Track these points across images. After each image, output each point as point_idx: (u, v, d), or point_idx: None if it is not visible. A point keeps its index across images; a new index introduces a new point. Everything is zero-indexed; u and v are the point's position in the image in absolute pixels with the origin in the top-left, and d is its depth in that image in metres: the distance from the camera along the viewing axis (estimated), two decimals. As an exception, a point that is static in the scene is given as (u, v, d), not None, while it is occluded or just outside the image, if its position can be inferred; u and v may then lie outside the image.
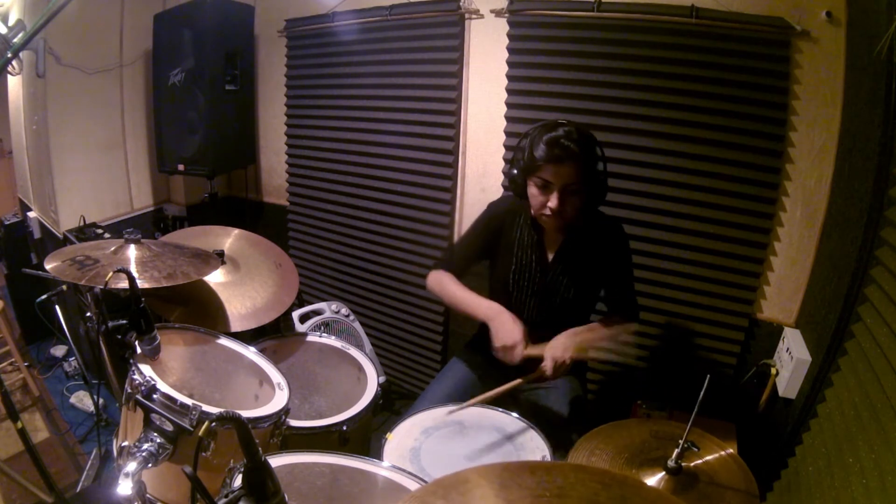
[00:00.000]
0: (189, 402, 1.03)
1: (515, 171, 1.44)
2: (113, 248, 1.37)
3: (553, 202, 1.36)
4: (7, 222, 3.04)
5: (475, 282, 1.63)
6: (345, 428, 1.42)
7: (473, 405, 1.37)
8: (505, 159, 2.21)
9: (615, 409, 2.14)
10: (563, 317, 1.54)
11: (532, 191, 1.42)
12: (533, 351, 1.36)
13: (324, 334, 1.89)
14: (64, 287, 1.76)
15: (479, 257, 1.62)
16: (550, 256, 1.53)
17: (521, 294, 1.55)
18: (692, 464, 1.07)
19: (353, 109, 2.54)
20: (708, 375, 1.04)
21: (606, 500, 0.56)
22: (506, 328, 1.39)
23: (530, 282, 1.54)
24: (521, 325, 1.40)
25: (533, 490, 0.56)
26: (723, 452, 1.11)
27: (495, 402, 1.42)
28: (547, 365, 1.36)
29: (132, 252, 1.36)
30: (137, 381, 1.06)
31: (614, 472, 1.00)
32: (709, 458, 1.09)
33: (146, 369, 1.09)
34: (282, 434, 1.24)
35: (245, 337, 1.50)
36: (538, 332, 1.51)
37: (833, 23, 1.61)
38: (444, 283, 1.56)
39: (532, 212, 1.48)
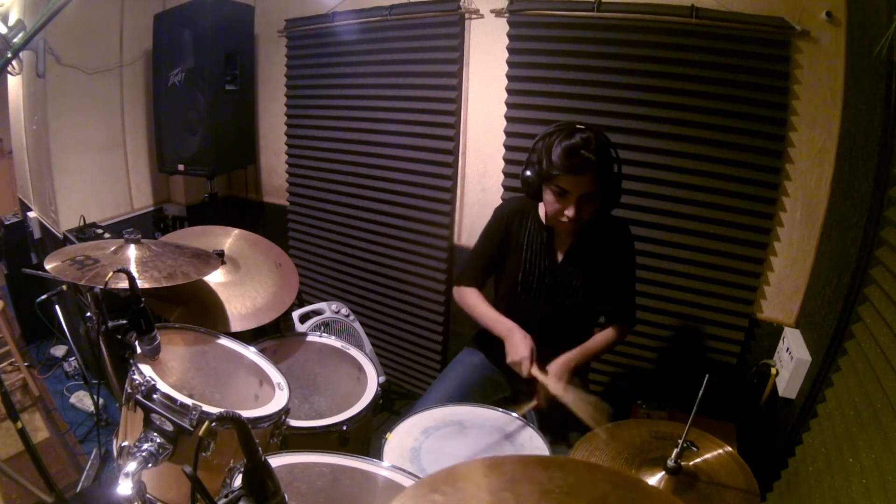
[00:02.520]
0: (189, 402, 1.03)
1: (530, 174, 1.42)
2: (113, 248, 1.37)
3: (571, 212, 1.36)
4: (7, 222, 3.04)
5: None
6: (345, 428, 1.42)
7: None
8: (505, 159, 2.21)
9: (615, 409, 2.14)
10: (571, 317, 1.54)
11: (548, 197, 1.40)
12: (538, 374, 1.40)
13: (324, 334, 1.89)
14: (64, 287, 1.75)
15: (498, 265, 1.62)
16: (560, 257, 1.53)
17: (530, 294, 1.55)
18: (692, 463, 1.07)
19: (353, 109, 2.54)
20: (707, 375, 1.04)
21: (615, 501, 0.56)
22: (516, 345, 1.43)
23: (539, 283, 1.53)
24: (530, 343, 1.43)
25: (543, 485, 0.56)
26: (721, 451, 1.11)
27: (496, 403, 1.44)
28: (541, 402, 1.42)
29: (132, 252, 1.36)
30: (137, 381, 1.06)
31: (626, 473, 1.00)
32: (708, 457, 1.09)
33: (146, 369, 1.09)
34: (282, 434, 1.24)
35: (245, 337, 1.50)
36: (545, 331, 1.51)
37: (833, 23, 1.61)
38: (469, 301, 1.61)
39: (546, 215, 1.47)
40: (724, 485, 1.03)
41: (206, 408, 1.03)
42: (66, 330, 2.18)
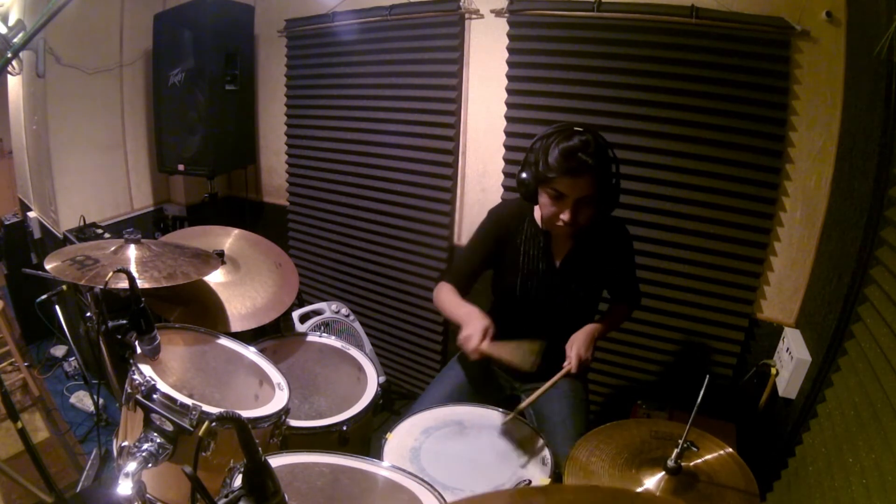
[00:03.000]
0: (189, 402, 1.03)
1: (526, 176, 1.39)
2: (113, 248, 1.37)
3: (566, 215, 1.34)
4: (7, 222, 3.04)
5: (478, 285, 1.63)
6: (345, 428, 1.43)
7: (523, 408, 1.38)
8: (505, 159, 2.21)
9: (615, 409, 2.15)
10: (571, 318, 1.54)
11: (544, 199, 1.38)
12: (493, 350, 1.28)
13: (324, 334, 1.89)
14: (64, 287, 1.75)
15: (486, 267, 1.60)
16: (558, 262, 1.52)
17: (529, 299, 1.54)
18: (692, 463, 1.08)
19: (353, 109, 2.54)
20: (707, 375, 1.04)
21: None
22: (471, 324, 1.33)
23: (538, 287, 1.53)
24: (487, 323, 1.32)
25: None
26: (722, 452, 1.11)
27: (497, 404, 1.44)
28: (573, 363, 1.39)
29: (132, 252, 1.36)
30: (137, 381, 1.06)
31: (625, 489, 0.99)
32: (708, 457, 1.10)
33: (146, 369, 1.09)
34: (282, 434, 1.24)
35: (245, 337, 1.50)
36: (544, 334, 1.51)
37: (833, 23, 1.61)
38: (440, 295, 1.53)
39: (542, 218, 1.46)
40: (724, 485, 1.03)
41: (206, 408, 1.03)
42: (66, 330, 2.18)
